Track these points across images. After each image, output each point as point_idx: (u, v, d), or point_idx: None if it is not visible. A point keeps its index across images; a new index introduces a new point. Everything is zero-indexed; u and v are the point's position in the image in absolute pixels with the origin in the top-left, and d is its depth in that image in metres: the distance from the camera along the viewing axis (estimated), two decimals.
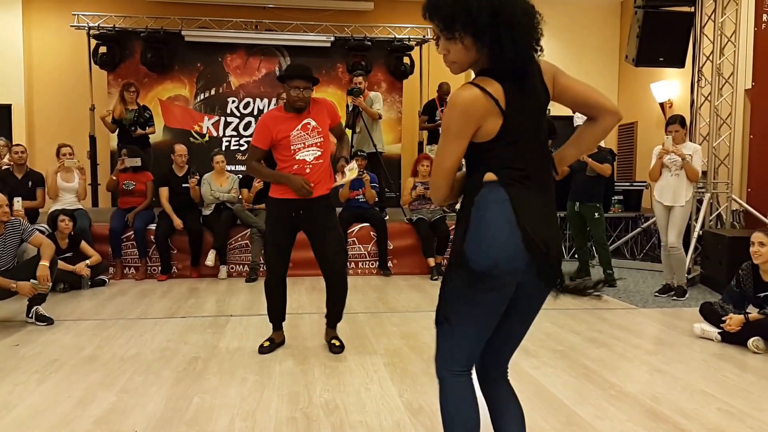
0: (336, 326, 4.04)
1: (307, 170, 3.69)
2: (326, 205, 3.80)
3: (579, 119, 9.08)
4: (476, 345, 1.82)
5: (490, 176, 1.73)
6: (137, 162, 6.66)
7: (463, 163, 1.79)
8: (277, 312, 3.95)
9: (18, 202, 5.47)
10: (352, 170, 3.97)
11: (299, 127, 3.70)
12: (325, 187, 3.78)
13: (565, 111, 8.07)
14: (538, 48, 1.73)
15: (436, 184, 1.77)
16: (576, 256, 7.00)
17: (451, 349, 1.82)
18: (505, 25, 1.62)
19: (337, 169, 4.06)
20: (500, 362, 1.93)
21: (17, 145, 6.55)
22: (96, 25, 9.77)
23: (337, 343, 3.89)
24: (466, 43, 1.68)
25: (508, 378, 1.95)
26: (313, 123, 3.74)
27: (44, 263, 4.44)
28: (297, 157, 3.69)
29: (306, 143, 3.71)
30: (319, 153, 3.74)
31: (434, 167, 1.78)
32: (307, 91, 3.67)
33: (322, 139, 3.76)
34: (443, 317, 1.79)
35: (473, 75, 1.80)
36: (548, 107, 1.84)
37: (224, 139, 10.30)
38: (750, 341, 3.95)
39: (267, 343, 3.88)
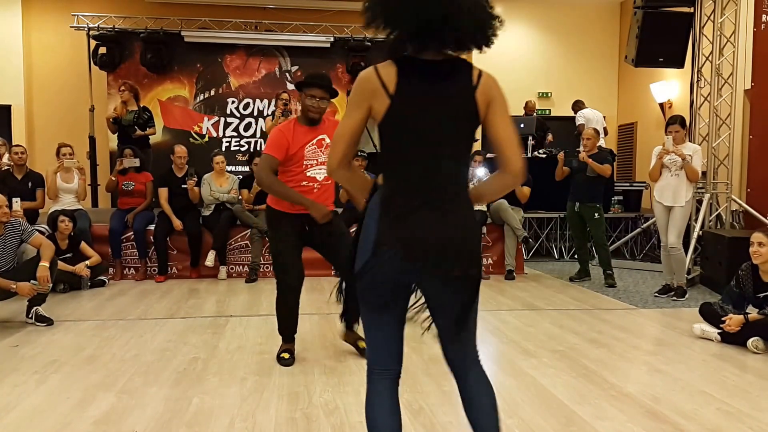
0: (354, 327, 3.88)
1: (315, 189, 3.57)
2: (335, 215, 3.68)
3: (581, 118, 9.16)
4: (380, 344, 1.87)
5: (380, 178, 1.83)
6: (136, 163, 6.66)
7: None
8: (293, 326, 3.80)
9: (17, 203, 5.47)
10: None
11: (314, 142, 3.56)
12: (329, 202, 3.68)
13: (565, 111, 8.02)
14: (449, 39, 1.73)
15: (331, 149, 1.84)
16: (576, 256, 7.01)
17: (369, 349, 1.90)
18: (380, 5, 1.72)
19: None
20: (457, 356, 1.93)
21: (17, 145, 6.54)
22: (96, 25, 9.78)
23: (363, 345, 3.72)
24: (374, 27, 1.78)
25: (479, 367, 1.95)
26: (328, 140, 3.57)
27: (44, 264, 4.44)
28: (308, 174, 3.55)
29: (318, 160, 3.57)
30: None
31: (333, 136, 1.84)
32: (323, 102, 3.51)
33: None
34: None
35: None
36: (469, 121, 1.79)
37: (224, 140, 10.30)
38: (749, 341, 3.95)
39: (287, 355, 3.70)
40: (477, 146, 8.71)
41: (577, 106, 9.54)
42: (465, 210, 1.80)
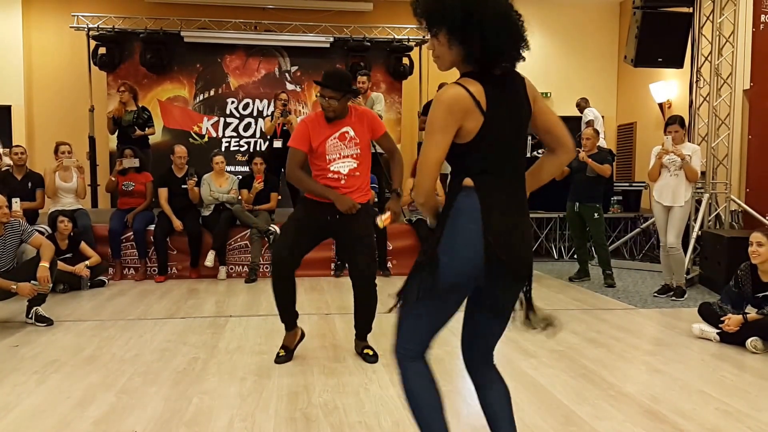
0: (366, 337, 3.82)
1: (342, 182, 3.54)
2: (364, 212, 3.61)
3: (590, 115, 9.14)
4: (425, 332, 1.93)
5: (467, 181, 1.82)
6: (136, 163, 6.66)
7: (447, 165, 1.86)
8: (288, 312, 3.71)
9: (16, 203, 5.47)
10: (380, 221, 3.53)
11: (336, 135, 3.53)
12: (362, 195, 3.62)
13: (565, 111, 8.03)
14: (516, 55, 1.83)
15: (421, 178, 1.83)
16: (575, 256, 7.01)
17: (408, 334, 1.93)
18: (476, 24, 1.72)
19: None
20: (479, 355, 2.04)
21: (17, 146, 6.54)
22: (95, 26, 9.79)
23: (371, 353, 3.73)
24: (442, 40, 1.80)
25: (494, 365, 2.05)
26: (352, 132, 3.54)
27: (44, 264, 4.44)
28: (332, 168, 3.53)
29: (342, 153, 3.54)
30: (354, 165, 3.57)
31: (420, 161, 1.83)
32: (333, 101, 3.46)
33: (359, 150, 3.57)
34: (405, 301, 1.90)
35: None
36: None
37: (223, 140, 10.31)
38: (748, 341, 3.95)
39: (282, 352, 3.69)
40: None
41: (583, 104, 9.53)
42: (528, 212, 1.97)
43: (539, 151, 8.89)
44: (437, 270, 1.79)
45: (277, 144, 7.22)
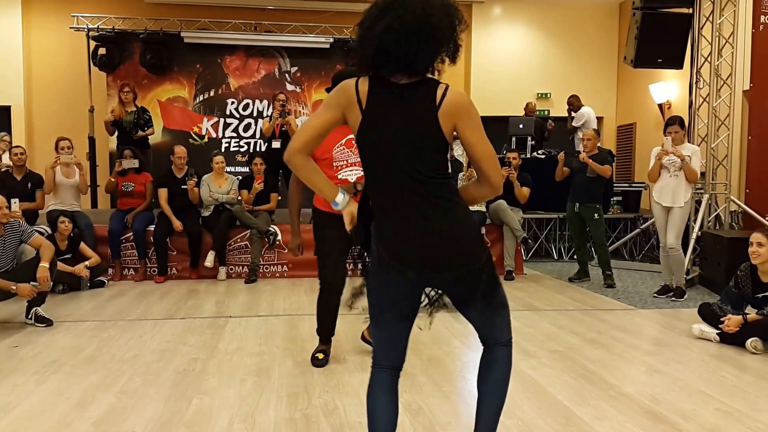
0: None
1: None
2: None
3: (582, 118, 9.13)
4: (385, 341, 2.03)
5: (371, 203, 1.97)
6: (135, 164, 6.66)
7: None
8: (331, 326, 3.69)
9: (15, 204, 5.47)
10: None
11: (343, 142, 3.42)
12: None
13: (564, 112, 7.99)
14: (399, 66, 1.83)
15: (294, 137, 1.97)
16: (575, 257, 7.01)
17: (374, 345, 2.08)
18: (362, 31, 1.85)
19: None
20: (483, 335, 2.10)
21: (16, 146, 6.54)
22: (95, 26, 9.79)
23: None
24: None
25: (503, 346, 2.08)
26: None
27: (44, 265, 4.43)
28: (339, 176, 3.42)
29: (349, 161, 3.44)
30: (362, 172, 3.49)
31: (300, 126, 1.98)
32: None
33: None
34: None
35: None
36: (430, 138, 1.88)
37: (223, 141, 10.31)
38: (748, 342, 3.95)
39: (321, 355, 3.65)
40: None
41: (575, 102, 9.38)
42: (449, 215, 1.89)
43: (539, 151, 8.90)
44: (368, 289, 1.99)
45: (276, 145, 7.22)
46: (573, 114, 9.32)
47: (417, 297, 1.98)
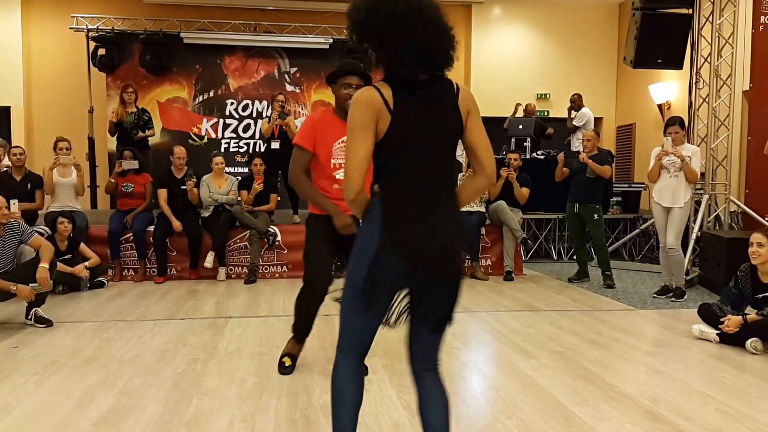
0: None
1: None
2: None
3: (583, 119, 9.13)
4: (359, 332, 2.01)
5: (376, 188, 1.92)
6: (135, 164, 6.66)
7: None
8: (307, 327, 3.53)
9: (15, 205, 5.46)
10: None
11: (344, 139, 3.17)
12: None
13: (564, 113, 8.02)
14: (423, 63, 1.85)
15: (350, 175, 1.87)
16: (575, 257, 7.01)
17: (345, 333, 2.05)
18: (372, 33, 1.85)
19: None
20: (423, 357, 2.04)
21: (16, 147, 6.54)
22: (95, 27, 9.79)
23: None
24: (366, 47, 1.92)
25: (437, 371, 2.04)
26: None
27: (44, 265, 4.43)
28: (337, 176, 3.28)
29: None
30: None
31: (347, 160, 1.88)
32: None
33: None
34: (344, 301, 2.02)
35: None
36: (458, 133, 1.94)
37: (223, 141, 10.31)
38: (748, 342, 3.96)
39: (288, 361, 3.50)
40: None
41: (577, 101, 9.37)
42: (457, 216, 1.95)
43: (538, 152, 8.89)
44: (350, 272, 1.94)
45: (275, 145, 7.22)
46: (574, 113, 9.31)
47: (398, 289, 1.94)
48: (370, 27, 1.84)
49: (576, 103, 9.34)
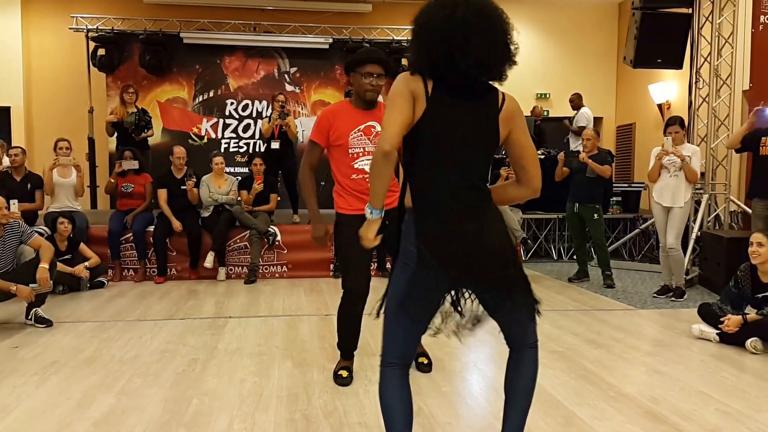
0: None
1: (368, 180, 3.07)
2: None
3: (583, 119, 9.14)
4: (403, 340, 2.00)
5: (408, 202, 1.95)
6: (135, 165, 6.66)
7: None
8: (354, 338, 3.42)
9: (14, 205, 5.46)
10: None
11: (361, 128, 3.17)
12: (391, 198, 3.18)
13: (564, 112, 8.01)
14: (461, 71, 1.83)
15: (387, 131, 1.85)
16: (575, 257, 7.01)
17: (388, 343, 2.04)
18: (416, 41, 1.89)
19: None
20: (512, 338, 2.10)
21: (15, 147, 6.54)
22: (95, 27, 9.79)
23: (426, 361, 3.54)
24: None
25: (531, 348, 2.09)
26: (378, 128, 3.13)
27: (44, 266, 4.43)
28: (355, 166, 3.17)
29: (366, 149, 3.16)
30: None
31: (385, 123, 1.85)
32: (380, 79, 3.11)
33: None
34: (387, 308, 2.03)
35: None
36: (496, 147, 1.96)
37: (223, 141, 10.31)
38: (748, 342, 3.96)
39: (345, 373, 3.34)
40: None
41: (576, 100, 9.35)
42: (494, 220, 1.94)
43: (538, 152, 8.90)
44: (391, 286, 1.94)
45: (275, 145, 7.22)
46: (575, 112, 9.31)
47: (443, 298, 1.95)
48: (421, 33, 1.88)
49: (575, 103, 9.32)
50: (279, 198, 7.08)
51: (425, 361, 3.54)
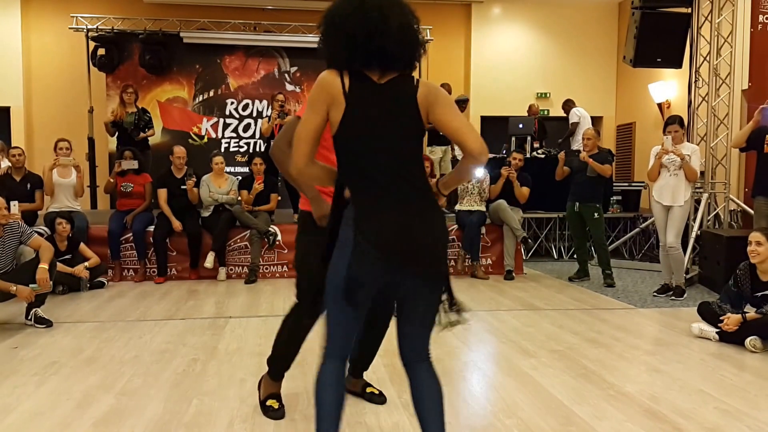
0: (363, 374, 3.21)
1: None
2: None
3: (575, 116, 9.17)
4: (341, 333, 2.00)
5: (347, 192, 1.96)
6: (134, 165, 6.66)
7: None
8: (291, 359, 3.03)
9: (15, 206, 5.46)
10: None
11: None
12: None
13: (560, 112, 8.03)
14: (368, 61, 1.87)
15: (295, 152, 1.92)
16: (575, 256, 7.02)
17: (329, 336, 2.03)
18: (331, 33, 1.91)
19: None
20: (413, 352, 2.06)
21: (15, 147, 6.54)
22: (95, 27, 9.79)
23: (377, 391, 3.12)
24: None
25: (429, 361, 2.06)
26: None
27: (43, 266, 4.43)
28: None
29: None
30: None
31: (295, 135, 1.92)
32: None
33: None
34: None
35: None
36: (416, 129, 1.94)
37: (223, 141, 10.31)
38: (747, 341, 3.96)
39: (277, 404, 2.93)
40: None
41: (568, 105, 9.48)
42: (430, 210, 1.93)
43: (539, 151, 8.90)
44: (330, 273, 1.93)
45: None
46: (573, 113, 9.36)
47: (378, 285, 1.94)
48: (325, 24, 1.93)
49: (566, 108, 9.44)
50: (279, 198, 7.09)
51: (376, 391, 3.14)
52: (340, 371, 2.03)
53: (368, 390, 3.15)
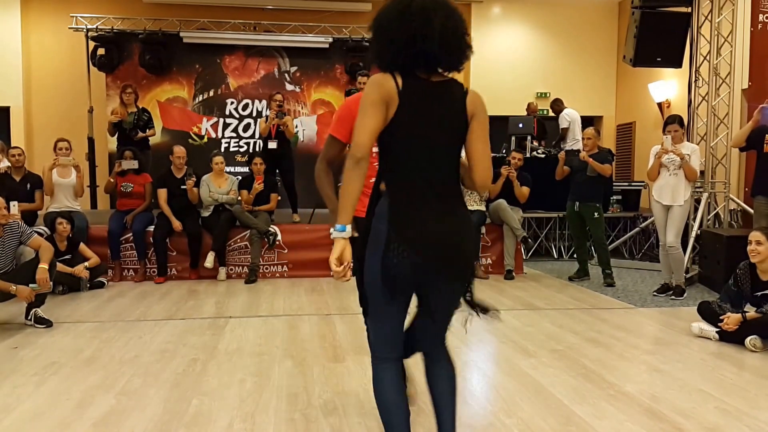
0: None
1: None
2: None
3: (565, 121, 9.18)
4: (387, 334, 2.01)
5: (382, 186, 1.97)
6: (134, 164, 6.66)
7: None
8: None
9: (14, 206, 5.46)
10: None
11: None
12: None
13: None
14: (425, 52, 1.87)
15: (358, 140, 1.88)
16: (575, 256, 7.02)
17: (375, 339, 2.07)
18: (378, 38, 1.94)
19: None
20: (431, 344, 2.12)
21: (14, 147, 6.54)
22: (94, 26, 9.79)
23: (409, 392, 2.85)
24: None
25: (445, 345, 2.13)
26: None
27: (43, 266, 4.43)
28: (376, 165, 2.86)
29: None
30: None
31: (356, 130, 1.89)
32: None
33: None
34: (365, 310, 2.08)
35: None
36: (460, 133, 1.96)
37: (223, 141, 10.31)
38: (747, 340, 3.96)
39: None
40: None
41: (558, 105, 9.41)
42: (464, 212, 1.98)
43: (539, 151, 8.89)
44: (366, 272, 1.94)
45: (272, 145, 7.22)
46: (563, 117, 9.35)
47: (413, 283, 1.95)
48: (377, 27, 1.94)
49: (554, 108, 9.41)
50: (279, 197, 7.09)
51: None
52: (397, 372, 2.03)
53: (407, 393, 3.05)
